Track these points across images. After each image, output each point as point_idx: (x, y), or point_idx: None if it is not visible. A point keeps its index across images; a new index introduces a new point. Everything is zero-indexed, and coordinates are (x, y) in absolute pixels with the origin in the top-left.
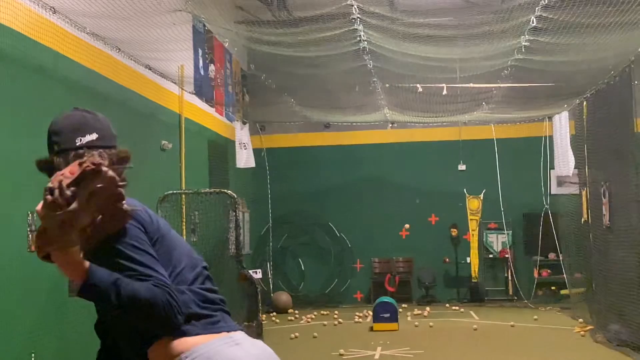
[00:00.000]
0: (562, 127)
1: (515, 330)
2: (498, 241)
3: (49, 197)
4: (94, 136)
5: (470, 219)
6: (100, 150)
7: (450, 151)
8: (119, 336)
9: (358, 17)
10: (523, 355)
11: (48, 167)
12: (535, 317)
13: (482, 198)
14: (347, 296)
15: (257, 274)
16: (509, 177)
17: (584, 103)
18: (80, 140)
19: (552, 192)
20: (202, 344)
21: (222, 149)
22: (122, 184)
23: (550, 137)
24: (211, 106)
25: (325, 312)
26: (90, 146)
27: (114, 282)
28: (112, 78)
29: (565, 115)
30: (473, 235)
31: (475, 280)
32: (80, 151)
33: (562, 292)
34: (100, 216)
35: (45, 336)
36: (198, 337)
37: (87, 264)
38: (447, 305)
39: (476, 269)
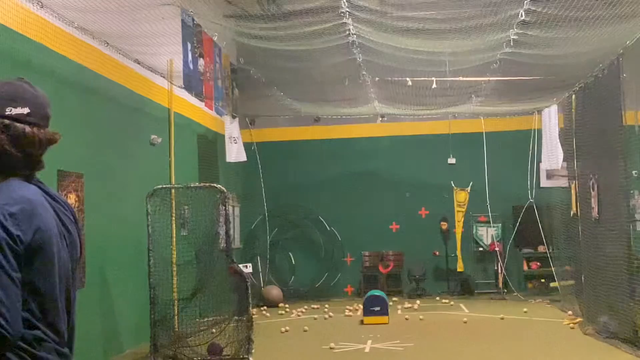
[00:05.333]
0: (551, 120)
1: (505, 323)
2: (488, 234)
3: None
4: (25, 110)
5: (457, 211)
6: (26, 125)
7: (440, 145)
8: None
9: (347, 11)
10: (513, 347)
11: None
12: (525, 309)
13: (469, 190)
14: (338, 290)
15: (248, 268)
16: (499, 171)
17: (573, 96)
18: (10, 110)
19: (542, 185)
20: None
21: (211, 143)
22: None
23: (539, 131)
24: (200, 100)
25: (315, 306)
26: (17, 119)
27: None
28: (100, 72)
29: (554, 108)
30: (458, 226)
31: (461, 271)
32: (7, 121)
33: (552, 284)
34: None
35: None
36: None
37: None
38: (438, 298)
39: (460, 261)
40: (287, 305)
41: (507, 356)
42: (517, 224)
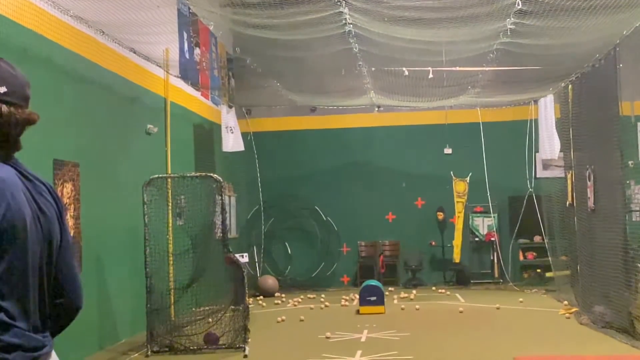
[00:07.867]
0: (547, 110)
1: (501, 313)
2: (484, 224)
3: None
4: (2, 89)
5: (457, 202)
6: (3, 105)
7: (437, 135)
8: None
9: (343, 0)
10: (508, 337)
11: None
12: (521, 299)
13: (468, 181)
14: (334, 280)
15: (244, 258)
16: (495, 161)
17: (570, 86)
18: None
19: (538, 175)
20: None
21: (208, 132)
22: None
23: (536, 121)
24: (197, 90)
25: (311, 296)
26: None
27: None
28: (96, 61)
29: (550, 98)
30: (459, 217)
31: (457, 263)
32: None
33: (547, 274)
34: None
35: None
36: None
37: None
38: (434, 288)
39: (458, 251)
40: (283, 295)
41: (503, 345)
42: (516, 214)
